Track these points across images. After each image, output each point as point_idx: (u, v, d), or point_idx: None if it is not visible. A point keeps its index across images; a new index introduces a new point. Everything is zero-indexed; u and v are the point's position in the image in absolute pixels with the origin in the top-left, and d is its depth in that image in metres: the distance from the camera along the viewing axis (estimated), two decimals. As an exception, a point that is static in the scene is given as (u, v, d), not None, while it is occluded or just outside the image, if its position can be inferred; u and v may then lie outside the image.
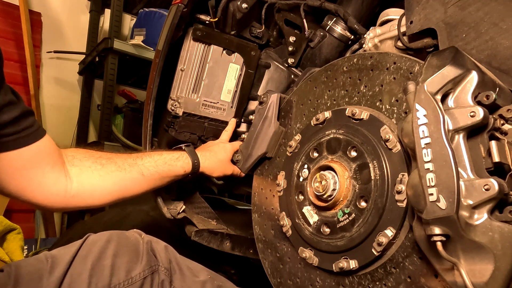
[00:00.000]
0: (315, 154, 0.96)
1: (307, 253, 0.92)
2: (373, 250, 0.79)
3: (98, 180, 1.01)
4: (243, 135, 1.35)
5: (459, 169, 0.62)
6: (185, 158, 1.18)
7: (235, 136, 1.43)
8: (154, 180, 1.12)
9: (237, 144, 1.30)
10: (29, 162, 0.87)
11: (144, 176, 1.09)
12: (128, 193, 1.09)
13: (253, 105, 1.42)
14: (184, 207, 1.29)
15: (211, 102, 1.35)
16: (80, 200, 0.99)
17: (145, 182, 1.11)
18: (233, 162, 1.29)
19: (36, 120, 0.89)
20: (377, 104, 0.87)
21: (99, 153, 1.06)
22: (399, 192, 0.76)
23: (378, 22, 1.10)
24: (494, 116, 0.66)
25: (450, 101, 0.68)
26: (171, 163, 1.15)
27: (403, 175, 0.77)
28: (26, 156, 0.86)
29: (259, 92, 1.41)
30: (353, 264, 0.82)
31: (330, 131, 0.94)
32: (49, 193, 0.92)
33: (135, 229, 1.02)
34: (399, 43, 0.99)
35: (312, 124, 1.00)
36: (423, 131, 0.65)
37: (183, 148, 1.22)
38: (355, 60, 0.95)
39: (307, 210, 0.94)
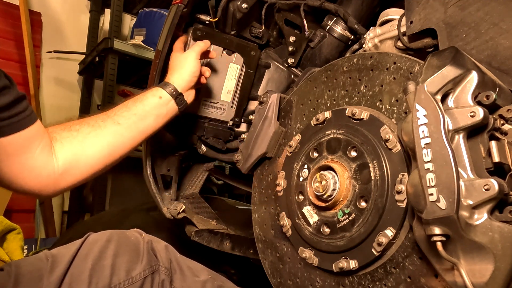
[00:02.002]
0: (315, 154, 0.96)
1: (307, 253, 0.92)
2: (373, 250, 0.79)
3: (79, 148, 0.95)
4: (243, 135, 1.35)
5: (459, 169, 0.62)
6: (154, 89, 1.11)
7: (235, 136, 1.43)
8: (134, 124, 1.04)
9: (198, 45, 1.20)
10: (22, 148, 0.85)
11: (121, 124, 1.02)
12: (115, 151, 1.02)
13: (253, 105, 1.42)
14: (184, 207, 1.30)
15: (211, 102, 1.35)
16: (69, 176, 0.94)
17: (127, 131, 1.03)
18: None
19: (29, 105, 0.87)
20: (377, 104, 0.87)
21: (72, 121, 1.01)
22: (399, 192, 0.77)
23: (378, 22, 1.10)
24: (494, 116, 0.66)
25: (450, 101, 0.68)
26: (141, 99, 1.08)
27: (403, 175, 0.77)
28: (19, 141, 0.84)
29: (259, 92, 1.41)
30: (353, 264, 0.82)
31: (330, 131, 0.94)
32: (40, 177, 0.89)
33: (135, 229, 1.02)
34: (399, 43, 0.99)
35: (312, 124, 1.00)
36: (423, 131, 0.65)
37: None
38: (355, 60, 0.95)
39: (307, 210, 0.94)
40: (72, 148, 0.95)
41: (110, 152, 1.01)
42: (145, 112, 1.07)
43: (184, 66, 1.15)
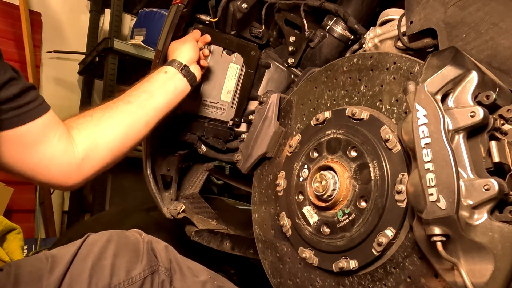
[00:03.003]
0: (315, 154, 0.96)
1: (307, 253, 0.92)
2: (373, 250, 0.79)
3: (95, 130, 0.97)
4: (243, 135, 1.35)
5: (459, 169, 0.62)
6: (159, 68, 1.13)
7: (235, 136, 1.43)
8: (145, 101, 1.05)
9: (196, 33, 1.22)
10: (38, 137, 0.86)
11: (132, 103, 1.03)
12: (132, 130, 1.02)
13: (253, 105, 1.42)
14: (184, 207, 1.29)
15: (211, 102, 1.35)
16: (91, 161, 0.95)
17: (139, 108, 1.03)
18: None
19: (40, 95, 0.88)
20: (377, 104, 0.87)
21: (86, 111, 1.03)
22: (399, 192, 0.76)
23: (378, 22, 1.10)
24: (494, 116, 0.66)
25: (450, 101, 0.68)
26: (148, 78, 1.10)
27: (403, 175, 0.77)
28: (34, 131, 0.85)
29: (259, 92, 1.41)
30: (353, 264, 0.82)
31: (330, 131, 0.94)
32: (62, 166, 0.90)
33: (135, 229, 1.02)
34: (399, 43, 0.99)
35: (312, 124, 1.00)
36: (423, 131, 0.65)
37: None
38: (355, 60, 0.95)
39: (307, 210, 0.94)
40: (89, 131, 0.96)
41: (127, 132, 1.01)
42: (153, 88, 1.07)
43: (184, 44, 1.16)
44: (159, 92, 1.08)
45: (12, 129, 0.81)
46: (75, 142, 0.93)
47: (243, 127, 1.45)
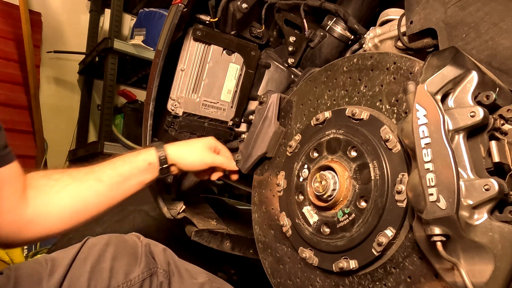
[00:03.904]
0: (315, 154, 0.96)
1: (307, 253, 0.92)
2: (373, 250, 0.79)
3: (54, 199, 0.91)
4: (243, 135, 1.35)
5: (459, 169, 0.62)
6: (146, 150, 1.07)
7: (235, 136, 1.43)
8: (117, 184, 1.00)
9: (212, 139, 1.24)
10: None
11: (103, 182, 0.98)
12: (91, 208, 0.98)
13: (253, 105, 1.42)
14: (184, 207, 1.30)
15: (211, 102, 1.35)
16: (36, 227, 0.89)
17: (107, 190, 0.98)
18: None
19: (7, 145, 0.83)
20: (377, 104, 0.87)
21: (55, 170, 0.97)
22: (399, 192, 0.76)
23: (378, 22, 1.10)
24: (494, 116, 0.66)
25: (450, 101, 0.68)
26: (131, 160, 1.04)
27: (403, 175, 0.77)
28: None
29: (259, 92, 1.41)
30: (353, 264, 0.82)
31: (330, 131, 0.94)
32: (4, 222, 0.85)
33: (133, 233, 1.02)
34: (399, 43, 0.99)
35: (312, 124, 1.00)
36: (423, 131, 0.65)
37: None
38: (355, 60, 0.94)
39: (307, 210, 0.94)
40: (46, 198, 0.91)
41: (85, 208, 0.97)
42: (130, 174, 1.03)
43: (191, 146, 1.15)
44: (134, 179, 1.04)
45: None
46: (27, 202, 0.88)
47: (243, 127, 1.45)
